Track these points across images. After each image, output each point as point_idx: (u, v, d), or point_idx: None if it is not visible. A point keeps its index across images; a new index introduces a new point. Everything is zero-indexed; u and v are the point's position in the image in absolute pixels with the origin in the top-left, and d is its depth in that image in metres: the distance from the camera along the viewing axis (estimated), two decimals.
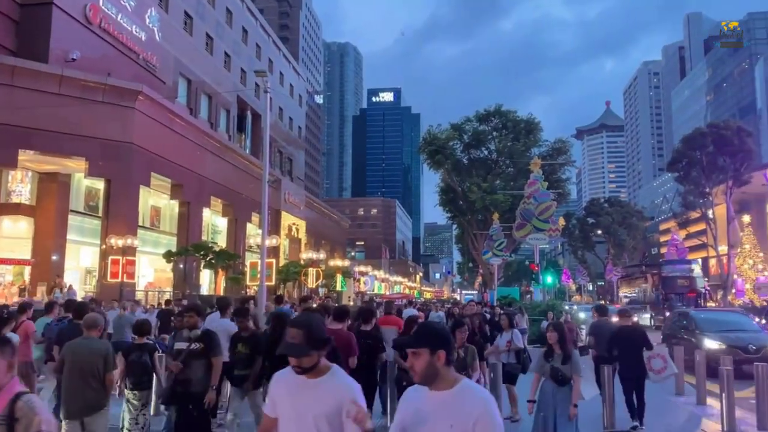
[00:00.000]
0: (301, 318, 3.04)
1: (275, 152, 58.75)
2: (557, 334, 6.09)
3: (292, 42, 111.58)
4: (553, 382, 5.95)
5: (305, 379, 2.81)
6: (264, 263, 20.57)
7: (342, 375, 2.88)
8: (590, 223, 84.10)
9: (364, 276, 66.07)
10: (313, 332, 2.82)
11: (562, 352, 6.03)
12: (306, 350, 2.77)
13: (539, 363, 6.21)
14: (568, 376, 5.92)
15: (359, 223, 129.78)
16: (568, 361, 5.98)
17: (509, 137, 46.78)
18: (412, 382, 2.71)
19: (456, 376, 2.66)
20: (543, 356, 6.19)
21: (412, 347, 2.65)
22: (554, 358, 6.05)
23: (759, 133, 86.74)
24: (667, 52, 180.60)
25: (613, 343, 8.50)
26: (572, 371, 5.94)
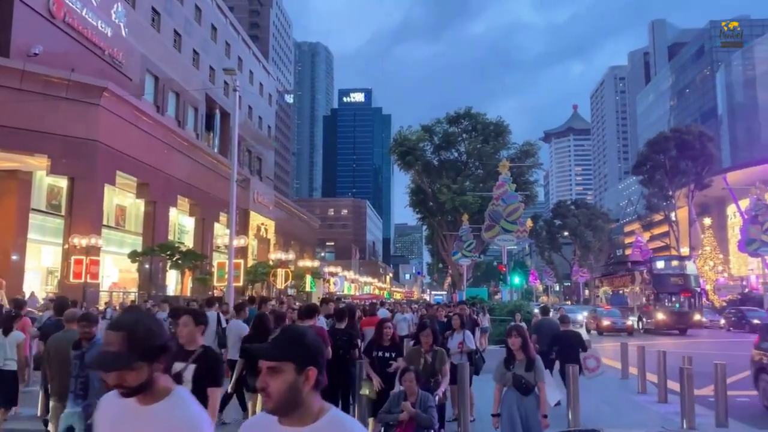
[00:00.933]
0: (124, 317, 2.09)
1: (244, 151, 58.15)
2: (521, 339, 5.48)
3: (262, 40, 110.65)
4: (517, 391, 5.38)
5: (134, 404, 1.97)
6: (232, 264, 20.36)
7: (187, 402, 2.02)
8: (557, 224, 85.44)
9: (333, 276, 65.88)
10: (138, 336, 1.95)
11: (524, 358, 5.45)
12: (125, 361, 1.91)
13: (499, 371, 5.54)
14: (532, 384, 5.39)
15: (329, 223, 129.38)
16: (531, 367, 5.42)
17: (479, 139, 47.19)
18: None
19: (323, 405, 1.87)
20: (503, 364, 5.55)
21: (269, 359, 1.85)
22: (516, 365, 5.45)
23: (720, 138, 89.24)
24: (633, 58, 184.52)
25: (555, 343, 9.47)
26: (537, 378, 5.41)
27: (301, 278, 45.77)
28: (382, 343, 6.70)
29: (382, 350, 6.64)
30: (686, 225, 56.62)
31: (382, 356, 6.61)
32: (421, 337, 6.39)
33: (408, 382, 5.23)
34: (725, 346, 23.63)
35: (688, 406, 8.19)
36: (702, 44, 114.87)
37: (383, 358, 6.60)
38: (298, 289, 47.32)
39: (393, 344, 6.78)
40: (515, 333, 5.53)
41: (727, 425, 8.15)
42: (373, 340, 6.91)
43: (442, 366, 6.23)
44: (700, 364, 9.87)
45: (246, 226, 48.36)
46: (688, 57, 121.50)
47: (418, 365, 5.96)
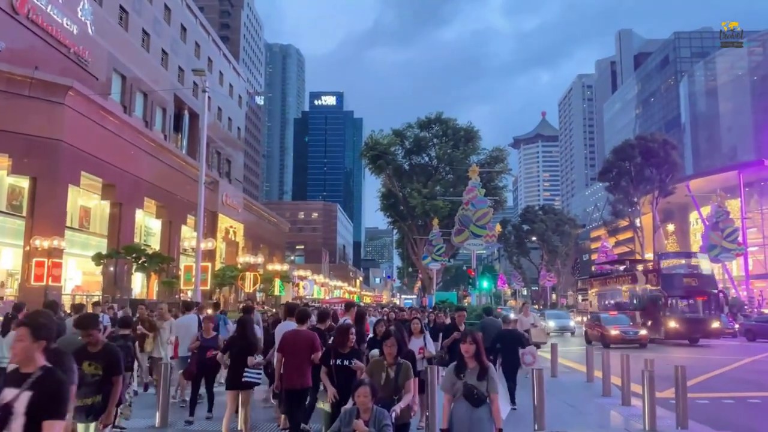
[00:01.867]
0: None
1: (213, 153, 57.51)
2: (475, 346, 4.93)
3: (232, 42, 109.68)
4: (468, 402, 4.80)
5: None
6: (199, 267, 20.09)
7: None
8: (525, 229, 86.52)
9: (303, 280, 65.47)
10: None
11: (477, 365, 4.89)
12: None
13: (449, 380, 4.92)
14: (485, 395, 4.83)
15: (299, 226, 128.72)
16: (484, 376, 4.86)
17: (449, 144, 47.57)
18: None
19: None
20: (454, 372, 4.94)
21: None
22: (467, 373, 4.88)
23: (683, 147, 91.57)
24: (600, 66, 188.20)
25: (498, 340, 10.29)
26: (489, 389, 4.84)
27: (269, 282, 45.42)
28: (341, 351, 6.15)
29: (341, 358, 6.10)
30: (650, 231, 57.89)
31: (341, 365, 6.07)
32: (384, 347, 5.59)
33: (362, 397, 4.54)
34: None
35: (649, 408, 8.36)
36: (666, 54, 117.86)
37: (342, 367, 6.06)
38: (266, 293, 46.94)
39: (353, 352, 6.24)
40: (469, 339, 4.97)
41: (687, 426, 8.34)
42: (332, 347, 6.33)
43: (406, 381, 5.45)
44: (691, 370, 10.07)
45: (214, 229, 47.82)
46: (653, 67, 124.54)
47: (379, 379, 5.39)
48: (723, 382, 14.59)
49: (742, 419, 9.88)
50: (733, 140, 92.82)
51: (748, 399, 11.92)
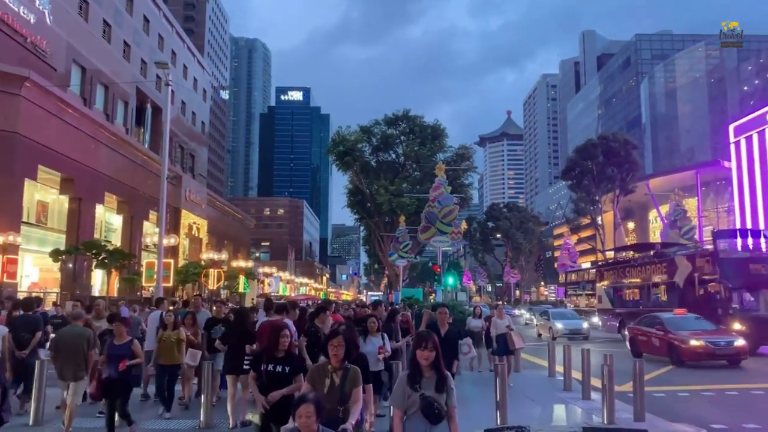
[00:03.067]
0: None
1: (176, 148, 56.54)
2: (435, 352, 4.10)
3: (197, 35, 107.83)
4: (426, 419, 3.99)
5: None
6: (161, 263, 19.76)
7: None
8: (490, 227, 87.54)
9: (268, 277, 64.99)
10: None
11: (435, 375, 4.08)
12: None
13: (401, 393, 4.07)
14: (445, 410, 4.03)
15: (265, 223, 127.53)
16: (443, 387, 4.06)
17: (416, 142, 47.73)
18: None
19: None
20: (407, 382, 4.07)
21: None
22: (423, 383, 4.05)
23: (643, 147, 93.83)
24: (564, 67, 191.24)
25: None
26: (449, 402, 4.07)
27: (234, 279, 44.96)
28: (275, 355, 5.39)
29: (274, 363, 5.34)
30: (611, 228, 59.22)
31: (273, 371, 5.30)
32: (329, 348, 4.68)
33: (303, 417, 3.64)
34: None
35: (608, 401, 8.56)
36: (628, 56, 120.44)
37: (275, 374, 5.29)
38: (230, 290, 46.43)
39: (289, 356, 5.46)
40: (429, 344, 4.10)
41: (644, 419, 8.57)
42: (264, 350, 5.66)
43: (353, 389, 4.56)
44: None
45: (177, 225, 47.08)
46: (616, 68, 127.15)
47: (321, 387, 4.56)
48: (677, 375, 15.05)
49: (695, 410, 10.20)
50: (690, 141, 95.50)
51: (702, 392, 12.32)
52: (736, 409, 10.51)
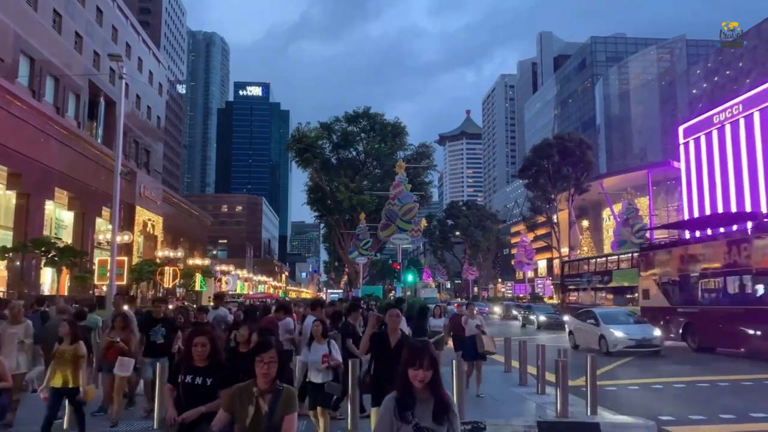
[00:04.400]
0: None
1: (131, 143, 55.14)
2: (432, 371, 3.04)
3: (153, 27, 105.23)
4: None
5: None
6: (114, 261, 19.26)
7: None
8: (449, 224, 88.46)
9: (225, 275, 64.10)
10: None
11: (432, 399, 3.05)
12: None
13: (389, 424, 3.05)
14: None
15: (222, 220, 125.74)
16: (444, 414, 3.04)
17: (377, 139, 47.83)
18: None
19: None
20: (395, 409, 3.05)
21: None
22: (417, 411, 3.03)
23: (598, 147, 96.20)
24: (522, 67, 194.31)
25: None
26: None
27: (190, 277, 44.19)
28: (194, 364, 4.43)
29: (193, 374, 4.39)
30: (566, 226, 60.55)
31: (192, 383, 4.36)
32: (256, 365, 3.58)
33: None
34: None
35: (562, 396, 8.75)
36: (584, 58, 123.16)
37: (193, 387, 4.35)
38: (186, 289, 45.63)
39: (213, 365, 4.43)
40: (425, 361, 3.01)
41: (597, 412, 8.81)
42: (182, 359, 4.78)
43: (287, 415, 3.58)
44: (581, 357, 10.60)
45: (131, 222, 46.01)
46: (572, 69, 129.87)
47: (243, 416, 3.58)
48: (629, 369, 15.52)
49: (645, 403, 10.54)
50: (643, 142, 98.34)
51: (652, 385, 12.72)
52: (683, 402, 10.91)
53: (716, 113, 53.24)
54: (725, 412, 9.53)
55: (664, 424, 8.57)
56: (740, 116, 49.35)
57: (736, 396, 11.47)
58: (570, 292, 41.27)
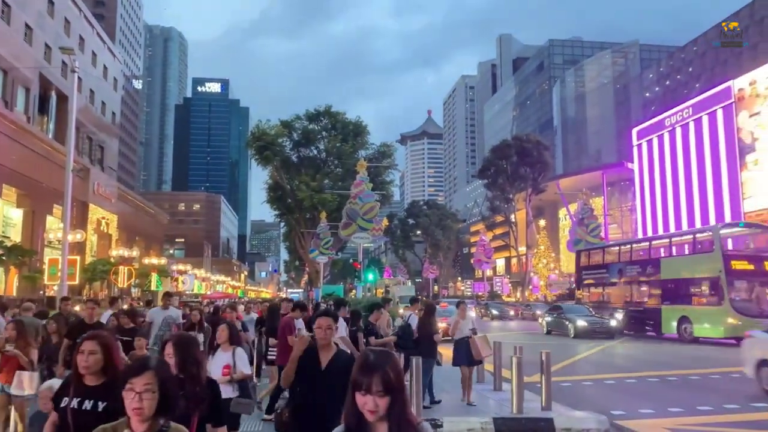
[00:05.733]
0: None
1: (84, 139, 53.57)
2: (391, 397, 2.13)
3: (108, 20, 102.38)
4: None
5: None
6: (66, 260, 18.70)
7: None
8: (411, 223, 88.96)
9: (182, 275, 62.93)
10: None
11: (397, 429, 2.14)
12: None
13: None
14: None
15: (180, 218, 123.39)
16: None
17: (338, 138, 47.69)
18: None
19: None
20: None
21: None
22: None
23: (554, 148, 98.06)
24: (482, 69, 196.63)
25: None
26: None
27: (146, 276, 43.27)
28: (84, 383, 3.19)
29: (82, 396, 3.16)
30: (524, 226, 61.63)
31: (79, 408, 3.12)
32: (125, 396, 2.49)
33: None
34: None
35: (517, 392, 8.90)
36: (542, 60, 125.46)
37: (80, 413, 3.11)
38: (142, 288, 44.65)
39: (106, 384, 3.14)
40: (376, 384, 2.13)
41: (551, 408, 8.99)
42: (71, 376, 3.34)
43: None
44: (534, 352, 10.79)
45: (84, 220, 44.77)
46: (530, 71, 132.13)
47: None
48: (583, 365, 15.91)
49: (598, 398, 10.83)
50: (598, 143, 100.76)
51: (604, 380, 13.08)
52: (633, 396, 11.25)
53: (668, 116, 54.99)
54: (673, 406, 9.88)
55: (615, 418, 8.81)
56: (690, 119, 51.09)
57: (684, 390, 11.90)
58: (590, 288, 32.66)
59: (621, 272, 29.31)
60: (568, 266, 71.03)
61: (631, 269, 28.40)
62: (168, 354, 3.37)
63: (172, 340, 3.43)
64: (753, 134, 45.31)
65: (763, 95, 44.48)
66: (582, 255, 35.85)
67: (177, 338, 3.57)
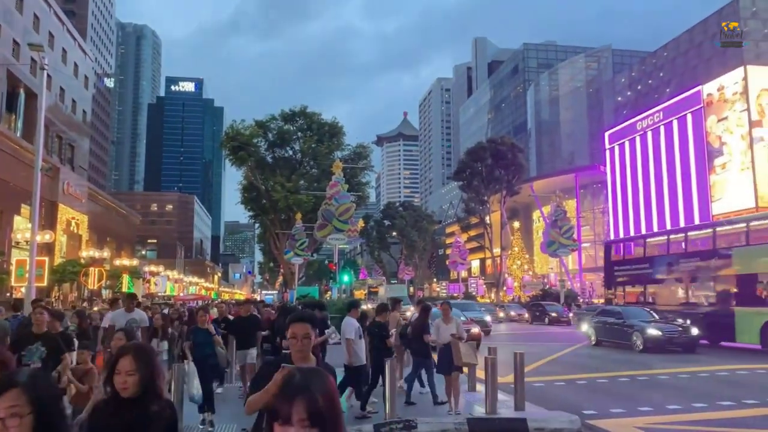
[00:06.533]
0: None
1: (53, 137, 52.48)
2: (317, 429, 1.60)
3: (79, 17, 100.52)
4: None
5: None
6: (33, 261, 18.28)
7: None
8: (386, 225, 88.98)
9: (155, 276, 62.05)
10: None
11: None
12: None
13: None
14: None
15: (152, 219, 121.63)
16: None
17: (314, 139, 47.49)
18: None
19: None
20: None
21: None
22: None
23: (529, 150, 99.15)
24: (458, 71, 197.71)
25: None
26: None
27: (117, 278, 42.54)
28: None
29: None
30: (498, 227, 62.13)
31: None
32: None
33: None
34: None
35: (491, 393, 8.96)
36: (517, 64, 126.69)
37: None
38: (113, 290, 43.87)
39: None
40: (302, 411, 1.59)
41: (524, 408, 9.07)
42: None
43: None
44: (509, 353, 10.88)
45: (53, 220, 43.84)
46: (505, 74, 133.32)
47: None
48: (557, 365, 16.07)
49: (570, 398, 10.94)
50: (571, 146, 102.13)
51: (576, 381, 13.23)
52: (605, 396, 11.39)
53: (639, 120, 55.99)
54: (643, 405, 10.04)
55: (587, 418, 8.92)
56: (661, 124, 52.10)
57: (654, 390, 12.08)
58: (624, 287, 27.00)
59: (671, 267, 23.53)
60: (541, 267, 71.84)
61: (687, 263, 22.78)
62: (127, 370, 2.58)
63: (130, 352, 2.68)
64: (721, 138, 46.40)
65: (730, 100, 45.59)
66: (613, 248, 30.10)
67: (137, 348, 2.80)
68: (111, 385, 2.60)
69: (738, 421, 8.96)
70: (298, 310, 7.33)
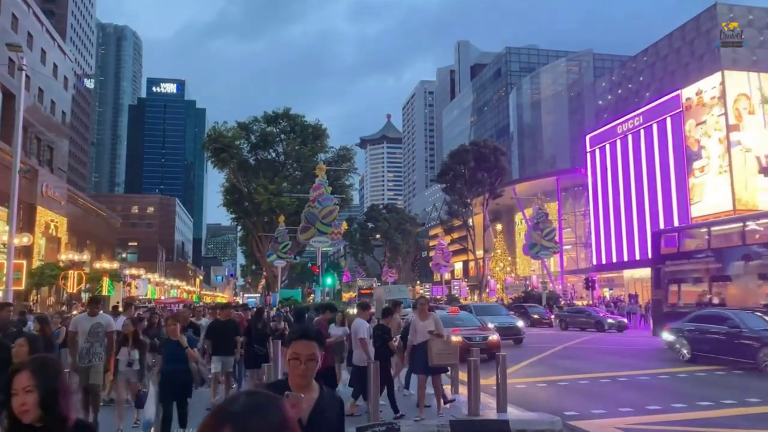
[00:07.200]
0: None
1: (32, 139, 51.68)
2: None
3: (58, 17, 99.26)
4: None
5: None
6: (11, 265, 18.01)
7: None
8: (370, 227, 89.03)
9: (135, 279, 61.35)
10: None
11: None
12: None
13: None
14: None
15: (133, 221, 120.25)
16: None
17: (297, 141, 47.43)
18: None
19: None
20: None
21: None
22: None
23: (511, 153, 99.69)
24: (441, 74, 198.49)
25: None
26: None
27: (97, 281, 41.98)
28: None
29: None
30: (481, 230, 62.46)
31: None
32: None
33: None
34: None
35: (474, 395, 9.00)
36: (499, 67, 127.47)
37: None
38: (93, 293, 43.30)
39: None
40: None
41: (506, 410, 9.12)
42: None
43: None
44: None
45: (32, 223, 43.17)
46: (487, 78, 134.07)
47: None
48: (539, 367, 16.18)
49: (552, 399, 11.03)
50: (553, 149, 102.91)
51: (558, 382, 13.33)
52: (586, 397, 11.50)
53: (619, 123, 56.64)
54: (624, 406, 10.14)
55: (568, 419, 8.99)
56: (641, 127, 52.76)
57: (634, 390, 12.22)
58: (679, 285, 21.92)
59: (748, 260, 18.92)
60: (523, 269, 72.30)
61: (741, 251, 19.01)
62: (24, 386, 2.15)
63: (28, 367, 2.23)
64: (699, 142, 47.11)
65: (708, 105, 46.32)
66: (664, 238, 24.74)
67: (35, 362, 2.32)
68: (9, 409, 2.14)
69: None
70: (303, 326, 6.71)
